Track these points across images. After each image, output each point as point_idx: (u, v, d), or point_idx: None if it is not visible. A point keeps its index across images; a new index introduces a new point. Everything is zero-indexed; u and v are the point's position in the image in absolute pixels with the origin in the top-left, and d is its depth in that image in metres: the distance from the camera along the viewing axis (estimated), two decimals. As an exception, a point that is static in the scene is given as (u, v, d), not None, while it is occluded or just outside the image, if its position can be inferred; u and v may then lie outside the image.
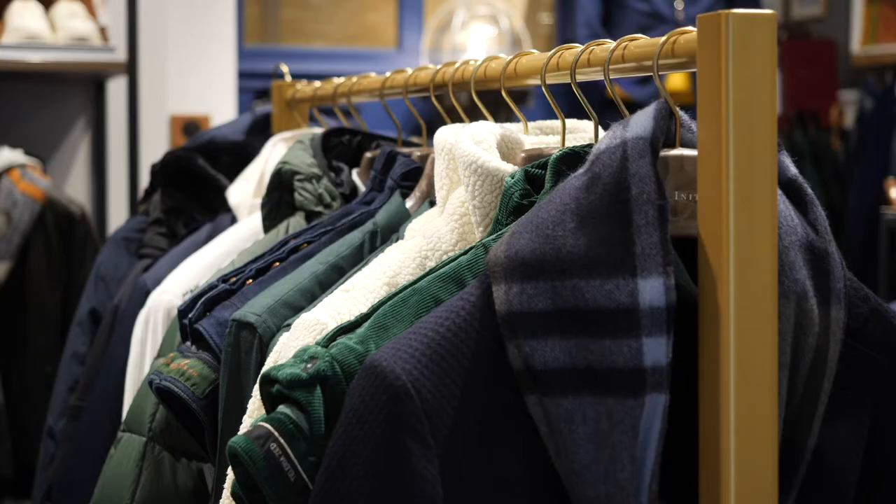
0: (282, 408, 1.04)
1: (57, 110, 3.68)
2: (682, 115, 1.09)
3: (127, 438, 1.53)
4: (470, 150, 1.19)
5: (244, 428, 1.24)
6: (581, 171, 1.04)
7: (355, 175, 1.63)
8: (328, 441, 1.01)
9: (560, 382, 0.99)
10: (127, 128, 3.54)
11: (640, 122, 1.04)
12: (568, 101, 1.41)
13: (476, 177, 1.18)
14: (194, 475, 1.50)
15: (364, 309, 1.18)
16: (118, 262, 2.10)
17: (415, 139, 1.75)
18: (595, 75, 1.19)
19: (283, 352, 1.20)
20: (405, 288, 1.09)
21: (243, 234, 1.74)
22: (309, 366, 1.04)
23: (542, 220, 1.02)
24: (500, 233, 1.11)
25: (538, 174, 1.16)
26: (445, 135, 1.28)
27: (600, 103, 1.25)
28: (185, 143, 2.12)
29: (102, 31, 3.46)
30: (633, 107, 1.11)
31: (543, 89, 1.25)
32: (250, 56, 4.43)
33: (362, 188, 1.61)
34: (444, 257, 1.20)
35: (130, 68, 3.46)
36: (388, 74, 1.64)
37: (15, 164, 3.16)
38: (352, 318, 1.16)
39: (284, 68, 2.04)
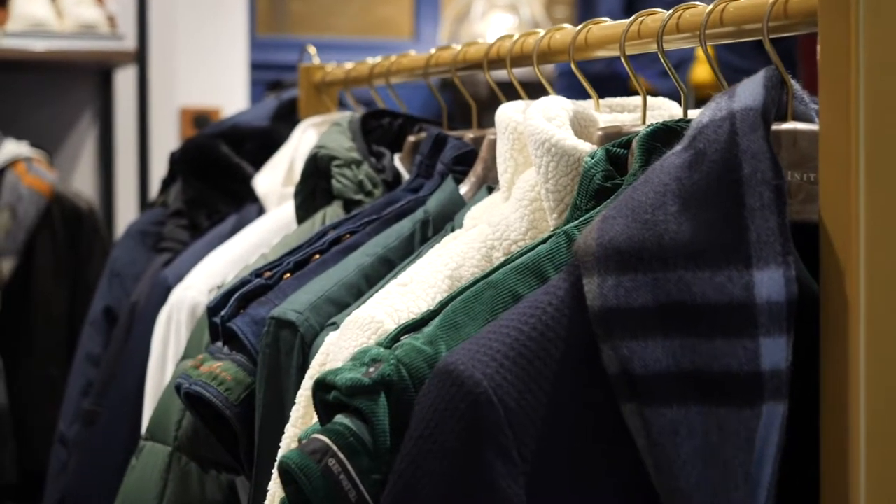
0: (340, 418, 0.91)
1: (63, 101, 3.54)
2: (794, 85, 0.96)
3: (150, 448, 1.40)
4: (542, 127, 1.06)
5: (287, 439, 1.12)
6: (680, 147, 0.92)
7: (397, 161, 1.50)
8: (395, 456, 0.88)
9: (663, 389, 0.86)
10: (136, 120, 3.41)
11: (749, 92, 0.91)
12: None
13: (550, 157, 1.05)
14: (224, 488, 1.37)
15: (424, 305, 1.05)
16: (134, 257, 1.97)
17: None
18: (684, 42, 1.06)
19: (332, 353, 1.07)
20: (476, 282, 0.96)
21: (273, 225, 1.61)
22: (371, 370, 0.91)
23: (638, 203, 0.89)
24: (582, 219, 0.98)
25: (620, 154, 1.04)
26: (509, 112, 1.15)
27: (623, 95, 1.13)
28: (206, 129, 1.98)
29: (111, 20, 3.32)
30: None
31: (623, 61, 1.12)
32: (261, 47, 4.30)
33: (405, 175, 1.48)
34: (514, 247, 1.08)
35: (140, 57, 3.32)
36: (432, 52, 1.51)
37: (20, 156, 3.03)
38: (411, 315, 1.04)
39: (312, 50, 1.91)
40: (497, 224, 1.09)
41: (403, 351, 0.92)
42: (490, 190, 1.25)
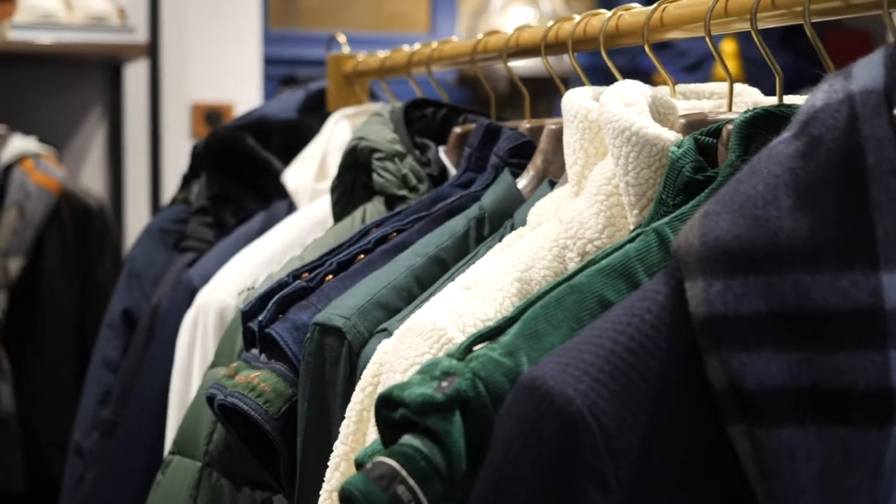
0: (408, 439, 0.80)
1: (72, 96, 3.44)
2: (916, 65, 0.86)
3: (178, 462, 1.30)
4: (622, 114, 0.96)
5: (336, 457, 1.02)
6: (790, 133, 0.81)
7: (442, 153, 1.40)
8: (472, 483, 0.78)
9: (777, 408, 0.76)
10: (148, 116, 3.30)
11: (868, 72, 0.81)
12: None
13: (630, 147, 0.95)
14: (258, 507, 1.27)
15: (491, 311, 0.95)
16: (154, 257, 1.86)
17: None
18: (778, 20, 0.96)
19: (389, 364, 0.97)
20: (557, 285, 0.86)
21: (306, 223, 1.51)
22: (444, 384, 0.80)
23: (746, 197, 0.79)
24: (674, 215, 0.89)
25: (709, 143, 0.94)
26: (578, 98, 1.05)
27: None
28: (231, 122, 1.88)
29: (121, 12, 3.22)
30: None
31: (708, 41, 1.02)
32: (273, 41, 4.19)
33: (451, 169, 1.37)
34: (590, 247, 0.98)
35: (152, 51, 3.22)
36: (480, 37, 1.40)
37: (28, 152, 2.93)
38: (477, 321, 0.95)
39: (342, 38, 1.81)
40: (570, 221, 0.99)
41: (480, 363, 0.81)
42: (552, 184, 1.15)
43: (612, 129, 0.96)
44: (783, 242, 0.77)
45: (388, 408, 0.83)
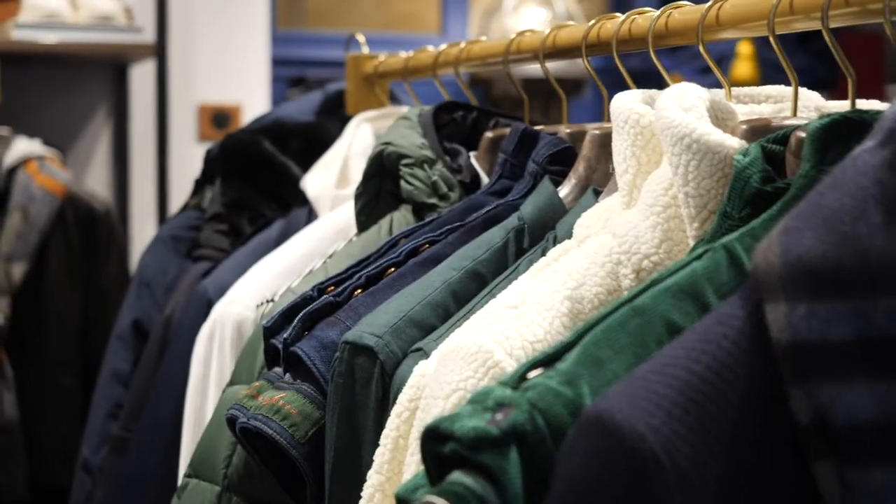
0: (459, 476, 0.73)
1: (77, 97, 3.37)
2: None
3: (195, 486, 1.23)
4: (681, 119, 0.89)
5: (369, 487, 0.95)
6: (874, 142, 0.74)
7: (472, 159, 1.32)
8: (530, 526, 0.71)
9: (870, 445, 0.69)
10: (155, 117, 3.23)
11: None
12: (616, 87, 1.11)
13: (690, 154, 0.88)
14: (281, 534, 1.19)
15: (540, 332, 0.88)
16: (165, 265, 1.79)
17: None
18: (853, 18, 0.89)
19: (430, 388, 0.90)
20: (618, 307, 0.79)
21: (327, 232, 1.43)
22: (499, 417, 0.73)
23: (830, 212, 0.72)
24: (743, 230, 0.81)
25: (777, 151, 0.87)
26: (629, 102, 0.98)
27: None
28: (247, 125, 1.81)
29: (127, 12, 3.15)
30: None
31: (772, 41, 0.94)
32: (281, 41, 4.12)
33: (483, 176, 1.30)
34: (645, 262, 0.91)
35: (159, 51, 3.15)
36: (512, 37, 1.33)
37: (32, 155, 2.86)
38: (525, 343, 0.88)
39: (361, 38, 1.74)
40: (623, 235, 0.92)
41: (537, 393, 0.74)
42: (597, 193, 1.08)
43: (670, 136, 0.89)
44: (874, 262, 0.70)
45: (436, 441, 0.76)
